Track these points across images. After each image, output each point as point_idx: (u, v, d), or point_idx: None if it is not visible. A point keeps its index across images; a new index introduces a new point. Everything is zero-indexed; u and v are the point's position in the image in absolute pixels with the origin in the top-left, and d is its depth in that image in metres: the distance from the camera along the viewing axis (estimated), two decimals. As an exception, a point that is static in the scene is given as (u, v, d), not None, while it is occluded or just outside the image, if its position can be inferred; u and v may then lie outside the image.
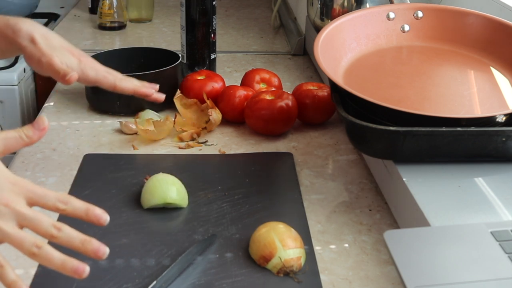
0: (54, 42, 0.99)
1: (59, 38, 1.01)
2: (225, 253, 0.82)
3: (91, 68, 0.99)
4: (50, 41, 0.98)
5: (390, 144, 0.85)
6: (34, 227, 0.68)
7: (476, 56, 1.02)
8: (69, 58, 0.98)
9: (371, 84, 0.98)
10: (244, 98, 1.19)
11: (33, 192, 0.70)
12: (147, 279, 0.77)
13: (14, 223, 0.67)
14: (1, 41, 0.98)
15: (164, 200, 0.90)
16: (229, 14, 2.03)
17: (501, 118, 0.87)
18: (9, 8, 1.90)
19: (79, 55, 1.00)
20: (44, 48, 0.96)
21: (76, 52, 1.00)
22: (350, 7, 1.21)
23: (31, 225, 0.68)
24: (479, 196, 0.80)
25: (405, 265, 0.63)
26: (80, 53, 1.01)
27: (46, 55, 0.96)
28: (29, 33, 0.97)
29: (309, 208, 0.94)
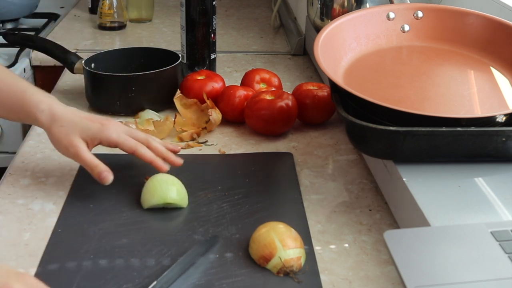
0: (73, 118, 0.96)
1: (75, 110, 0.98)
2: (225, 253, 0.82)
3: (113, 131, 0.95)
4: (69, 117, 0.95)
5: (390, 144, 0.85)
6: None
7: (476, 56, 1.02)
8: (90, 126, 0.95)
9: (371, 84, 0.98)
10: (244, 98, 1.19)
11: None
12: (147, 279, 0.77)
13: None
14: (23, 116, 0.97)
15: (164, 200, 0.90)
16: (229, 14, 2.03)
17: (501, 118, 0.87)
18: (9, 8, 1.90)
19: (99, 120, 0.97)
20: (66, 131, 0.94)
21: (95, 119, 0.97)
22: (350, 7, 1.21)
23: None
24: (479, 196, 0.80)
25: (405, 265, 0.63)
26: (100, 118, 0.98)
27: (73, 145, 0.94)
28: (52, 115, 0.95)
29: (309, 208, 0.94)
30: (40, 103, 0.95)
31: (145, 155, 0.95)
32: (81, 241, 0.84)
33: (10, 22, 1.94)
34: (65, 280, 0.77)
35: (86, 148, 0.94)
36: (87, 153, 0.94)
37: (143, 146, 0.95)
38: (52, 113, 0.95)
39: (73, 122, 0.94)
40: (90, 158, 0.93)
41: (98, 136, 0.94)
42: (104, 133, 0.94)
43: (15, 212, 0.92)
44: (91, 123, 0.95)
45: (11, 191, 0.97)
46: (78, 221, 0.89)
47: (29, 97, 0.95)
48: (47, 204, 0.94)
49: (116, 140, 0.95)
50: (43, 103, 0.95)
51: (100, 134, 0.94)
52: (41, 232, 0.87)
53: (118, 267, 0.79)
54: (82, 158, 0.93)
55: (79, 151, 0.93)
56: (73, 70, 1.34)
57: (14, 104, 0.96)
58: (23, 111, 0.95)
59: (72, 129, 0.94)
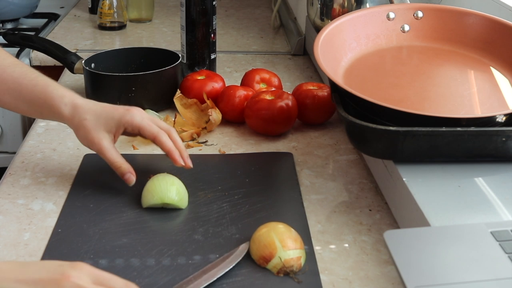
0: (95, 108, 0.95)
1: (98, 102, 0.97)
2: (225, 253, 0.82)
3: (137, 115, 0.95)
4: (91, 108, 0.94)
5: (390, 144, 0.85)
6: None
7: (476, 56, 1.02)
8: (114, 113, 0.94)
9: (371, 84, 0.98)
10: (244, 98, 1.19)
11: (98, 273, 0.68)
12: (147, 279, 0.77)
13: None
14: (45, 111, 0.96)
15: (162, 200, 0.90)
16: (229, 14, 2.03)
17: (501, 118, 0.87)
18: (9, 8, 1.90)
19: (122, 107, 0.96)
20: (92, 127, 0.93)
21: (118, 106, 0.96)
22: (350, 7, 1.21)
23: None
24: (479, 196, 0.80)
25: (405, 265, 0.63)
26: (125, 107, 0.97)
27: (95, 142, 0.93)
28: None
29: (309, 208, 0.94)
30: (63, 97, 0.94)
31: (165, 143, 0.94)
32: (81, 241, 0.84)
33: (10, 22, 1.94)
34: (65, 280, 0.77)
35: (110, 144, 0.93)
36: (111, 151, 0.93)
37: (165, 134, 0.94)
38: (75, 106, 0.94)
39: (95, 112, 0.93)
40: (114, 157, 0.93)
41: (122, 121, 0.93)
42: (127, 117, 0.93)
43: (15, 212, 0.92)
44: (114, 110, 0.94)
45: (11, 191, 0.97)
46: (78, 221, 0.89)
47: (52, 92, 0.94)
48: (47, 204, 0.94)
49: (139, 124, 0.93)
50: (65, 97, 0.94)
51: (124, 118, 0.93)
52: (41, 232, 0.87)
53: (118, 267, 0.79)
54: (106, 157, 0.93)
55: (102, 149, 0.93)
56: (73, 70, 1.34)
57: (37, 99, 0.95)
58: (46, 105, 0.95)
59: (96, 122, 0.93)
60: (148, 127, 0.94)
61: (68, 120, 0.94)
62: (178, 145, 0.96)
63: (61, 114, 0.94)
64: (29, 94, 0.95)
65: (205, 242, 0.85)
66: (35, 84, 0.95)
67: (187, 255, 0.82)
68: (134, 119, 0.94)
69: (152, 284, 0.76)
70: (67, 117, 0.94)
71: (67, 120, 0.95)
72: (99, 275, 0.68)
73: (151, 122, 0.95)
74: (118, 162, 0.93)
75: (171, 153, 0.94)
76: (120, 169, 0.93)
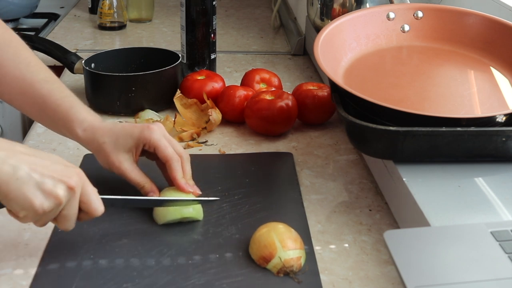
0: (113, 128, 0.93)
1: (117, 122, 0.96)
2: (225, 253, 0.82)
3: (156, 132, 0.91)
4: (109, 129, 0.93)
5: (390, 144, 0.85)
6: None
7: (476, 56, 1.02)
8: (133, 130, 0.92)
9: (371, 84, 0.98)
10: (244, 98, 1.19)
11: None
12: (147, 279, 0.77)
13: None
14: (65, 132, 0.96)
15: (182, 215, 0.87)
16: (229, 14, 2.03)
17: (501, 118, 0.87)
18: (9, 8, 1.90)
19: (141, 125, 0.94)
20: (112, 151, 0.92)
21: (137, 125, 0.94)
22: (350, 7, 1.21)
23: None
24: (479, 196, 0.80)
25: (405, 265, 0.63)
26: (145, 124, 0.94)
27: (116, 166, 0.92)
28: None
29: (309, 208, 0.94)
30: (83, 122, 0.93)
31: (175, 171, 0.91)
32: (81, 241, 0.84)
33: (10, 22, 1.94)
34: (65, 280, 0.77)
35: (132, 165, 0.91)
36: (133, 172, 0.91)
37: (178, 162, 0.91)
38: (93, 130, 0.92)
39: (113, 133, 0.92)
40: (137, 178, 0.91)
41: (141, 138, 0.91)
42: (146, 133, 0.91)
43: (15, 212, 0.92)
44: (133, 128, 0.92)
45: (11, 191, 0.97)
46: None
47: (74, 114, 0.93)
48: (47, 204, 0.94)
49: (156, 142, 0.91)
50: (85, 122, 0.93)
51: (143, 134, 0.91)
52: (41, 232, 0.87)
53: (118, 267, 0.79)
54: (128, 178, 0.91)
55: (124, 171, 0.91)
56: (73, 70, 1.34)
57: (57, 119, 0.95)
58: (65, 127, 0.94)
59: (115, 144, 0.91)
60: (164, 148, 0.91)
61: (88, 144, 0.94)
62: (187, 172, 0.93)
63: (79, 139, 0.94)
64: (51, 113, 0.95)
65: (205, 242, 0.85)
66: (59, 105, 0.94)
67: (187, 255, 0.82)
68: (153, 135, 0.91)
69: (152, 284, 0.76)
70: (86, 141, 0.93)
71: (86, 145, 0.94)
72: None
73: (168, 144, 0.91)
74: (142, 182, 0.91)
75: (179, 183, 0.91)
76: (144, 189, 0.91)
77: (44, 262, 0.80)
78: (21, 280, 0.78)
